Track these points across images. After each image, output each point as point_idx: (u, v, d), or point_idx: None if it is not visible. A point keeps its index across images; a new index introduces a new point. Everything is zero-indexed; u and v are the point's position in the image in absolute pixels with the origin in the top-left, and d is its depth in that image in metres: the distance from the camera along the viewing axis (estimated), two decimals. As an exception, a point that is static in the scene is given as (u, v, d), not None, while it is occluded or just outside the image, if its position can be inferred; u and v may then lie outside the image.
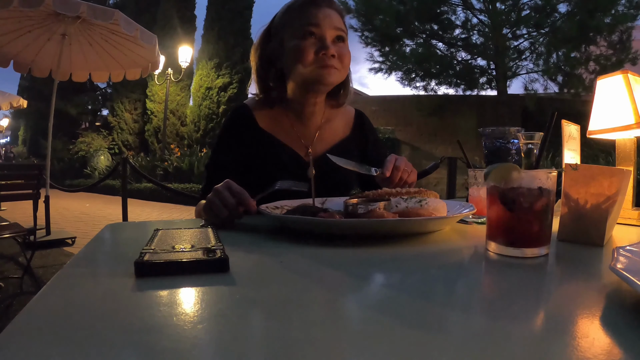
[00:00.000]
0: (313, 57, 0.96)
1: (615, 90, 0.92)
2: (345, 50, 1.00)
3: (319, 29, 0.96)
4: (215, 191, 0.78)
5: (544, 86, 9.83)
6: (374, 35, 10.22)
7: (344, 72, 1.02)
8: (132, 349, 0.30)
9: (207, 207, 0.79)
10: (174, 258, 0.48)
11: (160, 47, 4.78)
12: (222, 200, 0.76)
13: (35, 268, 3.00)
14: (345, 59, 1.00)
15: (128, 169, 3.86)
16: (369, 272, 0.53)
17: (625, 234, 0.77)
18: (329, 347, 0.31)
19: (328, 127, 1.11)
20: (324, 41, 0.96)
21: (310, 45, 0.96)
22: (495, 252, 0.59)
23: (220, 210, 0.76)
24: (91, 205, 8.03)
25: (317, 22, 0.96)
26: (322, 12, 0.97)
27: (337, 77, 1.00)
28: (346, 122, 1.17)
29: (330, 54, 0.96)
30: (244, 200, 0.77)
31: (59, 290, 0.44)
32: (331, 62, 0.97)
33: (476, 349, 0.30)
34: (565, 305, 0.40)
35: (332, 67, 0.97)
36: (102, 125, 15.32)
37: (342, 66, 1.00)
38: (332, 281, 0.49)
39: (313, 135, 1.09)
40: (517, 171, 0.58)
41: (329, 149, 1.09)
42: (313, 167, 1.01)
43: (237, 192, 0.77)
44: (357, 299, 0.43)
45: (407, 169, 0.94)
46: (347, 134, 1.14)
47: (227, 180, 0.79)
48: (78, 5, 3.64)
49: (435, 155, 9.28)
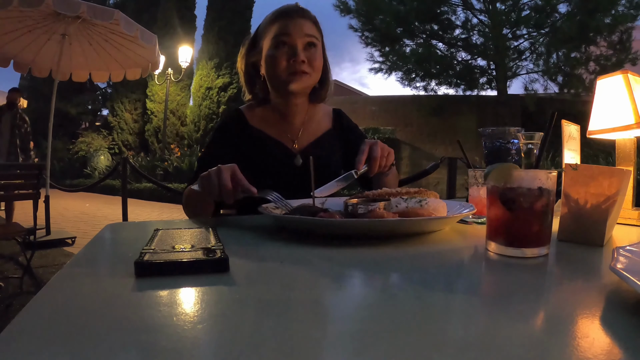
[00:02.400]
0: (285, 65, 1.06)
1: (615, 90, 0.92)
2: (316, 55, 1.09)
3: (290, 37, 1.06)
4: (218, 170, 0.79)
5: (544, 86, 9.83)
6: (374, 35, 10.21)
7: (315, 75, 1.11)
8: (132, 349, 0.30)
9: (205, 181, 0.80)
10: (174, 258, 0.48)
11: (160, 47, 4.78)
12: (220, 181, 0.78)
13: (35, 268, 3.00)
14: (316, 63, 1.09)
15: (128, 169, 3.85)
16: (369, 272, 0.53)
17: (625, 234, 0.77)
18: (329, 347, 0.31)
19: (311, 122, 1.21)
20: (294, 49, 1.06)
21: (282, 55, 1.06)
22: (495, 252, 0.59)
23: (212, 189, 0.78)
24: (91, 205, 8.03)
25: (287, 32, 1.06)
26: (293, 23, 1.07)
27: (308, 81, 1.10)
28: (327, 117, 1.26)
29: (300, 59, 1.05)
30: (243, 187, 0.79)
31: (59, 290, 0.44)
32: (301, 68, 1.06)
33: (476, 349, 0.30)
34: (565, 305, 0.40)
35: (302, 72, 1.06)
36: (102, 125, 15.31)
37: (313, 70, 1.09)
38: (332, 281, 0.49)
39: (298, 130, 1.18)
40: (517, 171, 0.58)
41: (314, 141, 1.18)
42: (300, 157, 1.11)
43: (239, 179, 0.79)
44: (357, 299, 0.43)
45: (383, 154, 0.97)
46: (329, 128, 1.24)
47: (235, 165, 0.81)
48: (78, 5, 3.64)
49: (435, 155, 9.27)
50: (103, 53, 4.82)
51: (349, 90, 21.77)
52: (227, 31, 12.22)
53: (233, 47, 11.98)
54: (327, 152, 1.17)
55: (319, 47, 1.11)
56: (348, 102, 10.93)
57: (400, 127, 10.60)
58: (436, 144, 10.14)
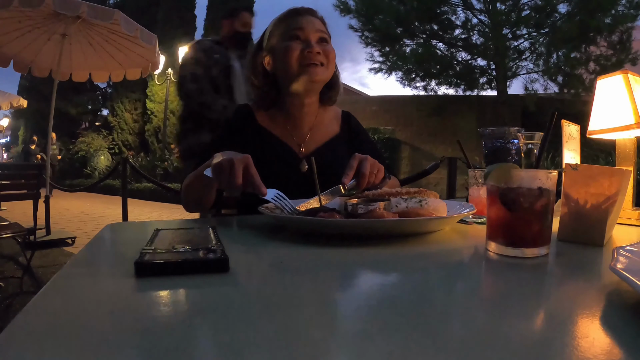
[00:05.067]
0: (299, 55, 1.05)
1: (615, 90, 0.92)
2: (330, 49, 1.08)
3: (303, 32, 1.06)
4: (230, 162, 0.77)
5: (544, 86, 9.84)
6: (374, 35, 10.21)
7: (330, 68, 1.09)
8: (132, 349, 0.30)
9: (217, 169, 0.79)
10: (174, 258, 0.48)
11: (160, 47, 4.77)
12: (232, 175, 0.77)
13: (35, 268, 3.00)
14: (331, 55, 1.08)
15: (128, 169, 3.85)
16: (368, 272, 0.53)
17: (625, 234, 0.77)
18: (329, 347, 0.31)
19: (320, 126, 1.19)
20: (308, 42, 1.05)
21: (297, 45, 1.05)
22: (495, 252, 0.59)
23: (222, 179, 0.77)
24: (91, 205, 8.03)
25: (301, 27, 1.06)
26: (305, 19, 1.08)
27: (324, 73, 1.08)
28: (335, 120, 1.24)
29: (316, 51, 1.04)
30: (254, 185, 0.78)
31: (59, 290, 0.44)
32: (317, 59, 1.05)
33: (476, 349, 0.30)
34: (565, 305, 0.40)
35: (318, 63, 1.05)
36: (102, 125, 15.32)
37: (328, 61, 1.08)
38: (332, 281, 0.49)
39: (306, 134, 1.16)
40: (517, 171, 0.58)
41: (321, 146, 1.16)
42: (306, 163, 1.05)
43: (251, 174, 0.78)
44: (357, 299, 0.43)
45: (372, 170, 0.91)
46: (337, 132, 1.22)
47: (249, 158, 0.79)
48: (78, 5, 3.64)
49: (435, 155, 9.27)
50: (103, 53, 4.81)
51: (350, 90, 21.76)
52: (227, 31, 12.20)
53: (233, 47, 11.96)
54: (334, 157, 1.13)
55: (330, 44, 1.10)
56: (348, 102, 10.92)
57: (400, 127, 10.60)
58: (436, 144, 10.14)
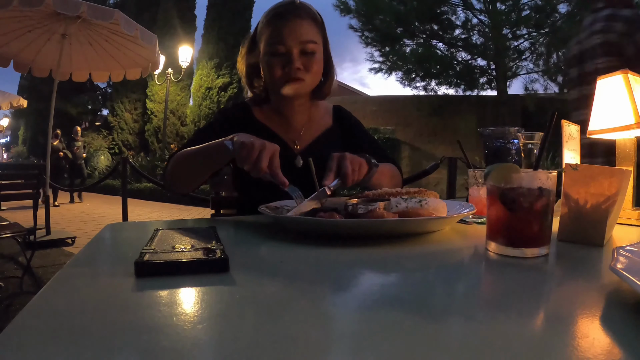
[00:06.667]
0: (281, 73, 1.04)
1: (615, 90, 0.92)
2: (313, 60, 1.06)
3: (284, 45, 1.03)
4: (262, 145, 0.79)
5: (544, 86, 9.82)
6: (374, 35, 10.21)
7: (311, 80, 1.08)
8: (132, 349, 0.30)
9: (244, 148, 0.79)
10: (174, 258, 0.48)
11: (160, 47, 4.78)
12: (258, 159, 0.78)
13: (35, 268, 3.00)
14: (314, 67, 1.06)
15: (128, 168, 3.85)
16: (369, 272, 0.53)
17: (625, 234, 0.77)
18: (329, 347, 0.31)
19: (312, 122, 1.20)
20: (289, 56, 1.03)
21: (278, 63, 1.04)
22: (495, 252, 0.59)
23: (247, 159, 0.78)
24: (91, 205, 8.02)
25: (282, 40, 1.03)
26: (288, 27, 1.03)
27: (303, 87, 1.08)
28: (327, 114, 1.25)
29: (295, 67, 1.03)
30: (275, 177, 0.79)
31: (59, 290, 0.44)
32: (297, 75, 1.04)
33: (476, 349, 0.30)
34: (565, 305, 0.40)
35: (298, 79, 1.04)
36: (102, 125, 15.32)
37: (310, 75, 1.06)
38: (332, 281, 0.49)
39: (299, 130, 1.18)
40: (517, 171, 0.58)
41: (314, 140, 1.17)
42: (301, 158, 1.08)
43: (275, 165, 0.79)
44: (357, 299, 0.43)
45: (354, 167, 0.89)
46: (330, 125, 1.23)
47: (278, 148, 0.81)
48: (78, 5, 3.64)
49: (436, 155, 9.27)
50: (103, 53, 4.81)
51: (350, 90, 21.75)
52: (227, 31, 12.23)
53: (233, 47, 11.98)
54: (328, 150, 1.12)
55: (318, 48, 1.07)
56: (348, 102, 10.91)
57: (400, 127, 10.60)
58: (436, 144, 10.14)
